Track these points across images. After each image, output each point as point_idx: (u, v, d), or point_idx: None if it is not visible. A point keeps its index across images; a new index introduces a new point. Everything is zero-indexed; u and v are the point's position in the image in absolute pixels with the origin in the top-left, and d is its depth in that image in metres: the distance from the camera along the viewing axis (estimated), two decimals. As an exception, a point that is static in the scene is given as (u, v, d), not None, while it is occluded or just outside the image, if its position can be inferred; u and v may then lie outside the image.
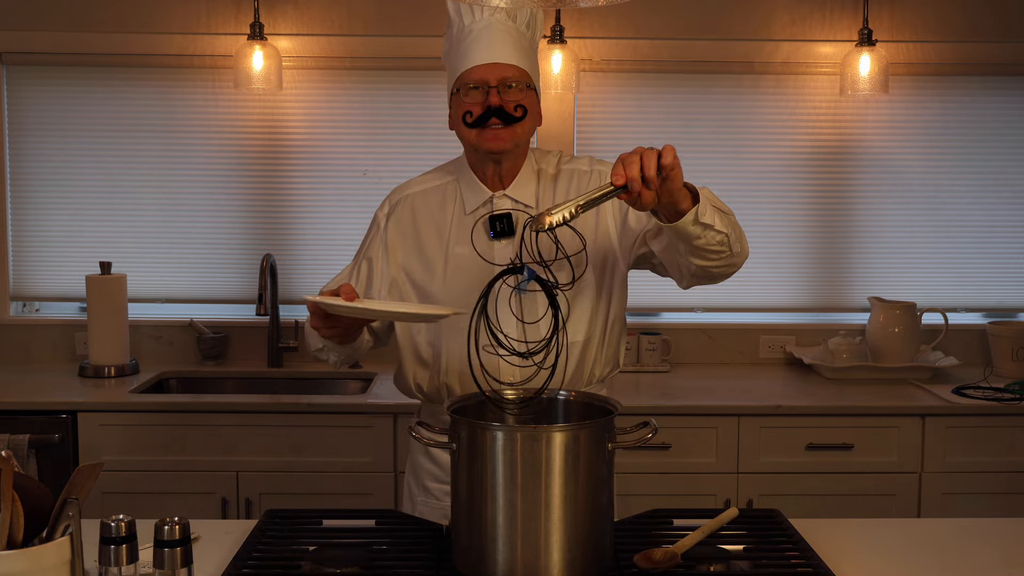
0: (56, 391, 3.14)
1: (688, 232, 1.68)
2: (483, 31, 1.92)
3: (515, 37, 1.93)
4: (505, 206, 1.97)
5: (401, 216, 2.03)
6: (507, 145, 1.92)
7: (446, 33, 2.00)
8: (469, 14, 1.94)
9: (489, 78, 1.90)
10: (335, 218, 3.55)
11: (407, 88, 3.51)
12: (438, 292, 1.96)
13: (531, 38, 1.98)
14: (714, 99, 3.56)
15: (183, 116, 3.52)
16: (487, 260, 1.89)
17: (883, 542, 1.79)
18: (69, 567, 1.38)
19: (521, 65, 1.92)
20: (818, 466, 2.99)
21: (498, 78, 1.90)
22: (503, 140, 1.91)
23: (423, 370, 2.01)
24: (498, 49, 1.91)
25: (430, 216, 2.01)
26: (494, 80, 1.90)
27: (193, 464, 2.97)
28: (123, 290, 3.36)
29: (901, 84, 3.54)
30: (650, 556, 1.57)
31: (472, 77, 1.91)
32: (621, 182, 1.55)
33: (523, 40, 1.95)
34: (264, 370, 3.47)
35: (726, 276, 1.85)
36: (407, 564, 1.59)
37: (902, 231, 3.63)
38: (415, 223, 2.01)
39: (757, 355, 3.61)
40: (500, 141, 1.91)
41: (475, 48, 1.92)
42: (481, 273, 1.88)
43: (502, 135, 1.91)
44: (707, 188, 1.74)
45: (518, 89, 1.91)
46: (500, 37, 1.92)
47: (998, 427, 3.02)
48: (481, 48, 1.91)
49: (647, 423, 1.61)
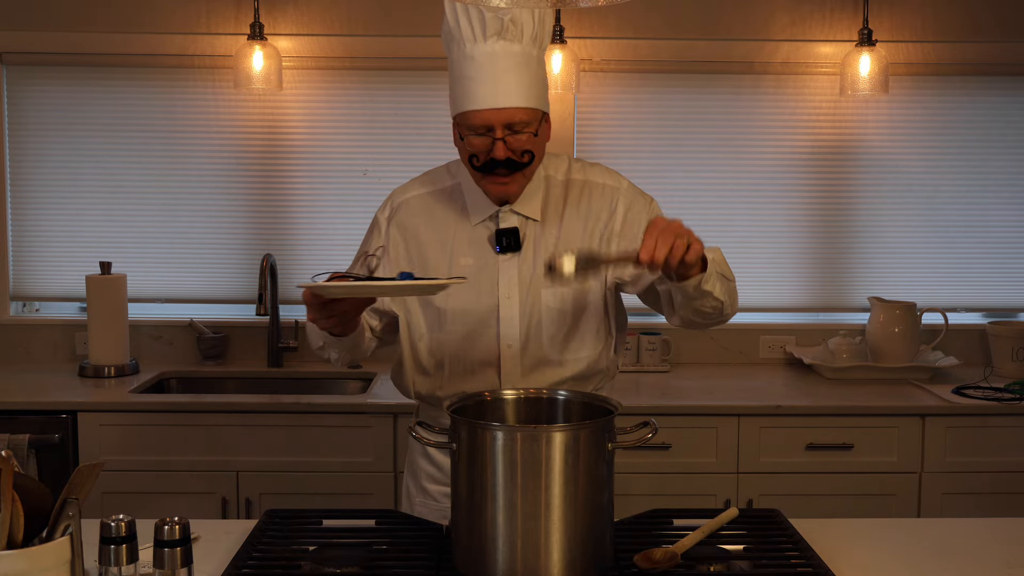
0: (56, 391, 3.14)
1: (688, 293, 1.71)
2: (486, 62, 1.77)
3: (521, 64, 1.78)
4: (512, 221, 1.90)
5: (403, 220, 1.98)
6: (514, 192, 1.86)
7: (444, 38, 1.86)
8: (469, 30, 1.79)
9: (494, 123, 1.78)
10: (335, 218, 3.55)
11: (407, 88, 3.51)
12: (441, 303, 1.92)
13: (538, 56, 1.83)
14: (714, 99, 3.56)
15: (183, 116, 3.52)
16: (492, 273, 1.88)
17: (883, 542, 1.79)
18: (69, 567, 1.38)
19: (529, 104, 1.79)
20: (818, 466, 2.99)
21: (504, 122, 1.77)
22: (510, 190, 1.85)
23: (423, 378, 1.99)
24: (503, 87, 1.76)
25: (433, 223, 1.95)
26: (500, 128, 1.78)
27: (193, 464, 2.97)
28: (123, 290, 3.36)
29: (901, 84, 3.54)
30: (650, 556, 1.57)
31: (475, 122, 1.79)
32: (647, 260, 1.57)
33: (531, 64, 1.80)
34: (264, 370, 3.47)
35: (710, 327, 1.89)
36: (407, 564, 1.59)
37: (902, 231, 3.63)
38: (417, 229, 1.96)
39: (757, 355, 3.61)
40: (507, 190, 1.85)
41: (478, 83, 1.77)
42: (489, 284, 1.88)
43: (510, 186, 1.84)
44: (718, 249, 1.73)
45: (527, 133, 1.79)
46: (505, 69, 1.77)
47: (998, 427, 3.02)
48: (485, 86, 1.77)
49: (647, 423, 1.61)
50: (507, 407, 1.71)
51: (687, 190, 3.56)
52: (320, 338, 1.90)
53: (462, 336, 1.92)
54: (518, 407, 1.70)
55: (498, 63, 1.76)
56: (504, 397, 1.72)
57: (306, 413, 2.99)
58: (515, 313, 1.89)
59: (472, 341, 1.92)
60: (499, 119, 1.77)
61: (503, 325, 1.90)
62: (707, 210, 3.56)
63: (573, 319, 1.92)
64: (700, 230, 1.63)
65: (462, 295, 1.90)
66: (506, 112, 1.77)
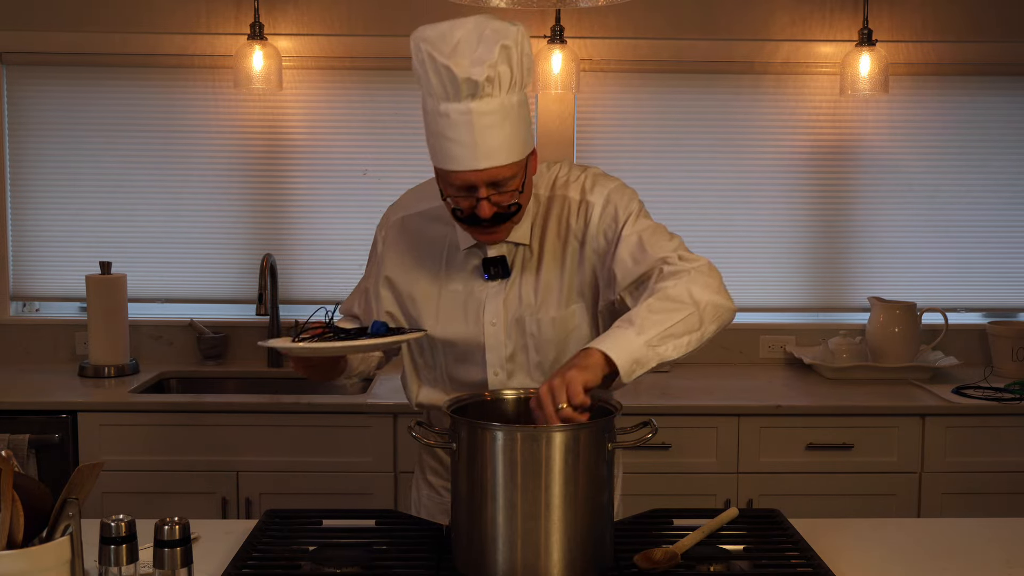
0: (56, 391, 3.14)
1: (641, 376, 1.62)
2: (462, 121, 1.65)
3: (500, 120, 1.66)
4: (500, 248, 1.84)
5: (397, 242, 1.93)
6: (502, 238, 1.80)
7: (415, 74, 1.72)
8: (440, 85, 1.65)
9: (477, 183, 1.68)
10: (335, 218, 3.55)
11: (407, 88, 3.51)
12: (431, 328, 1.88)
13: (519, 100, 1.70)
14: (714, 99, 3.56)
15: (183, 116, 3.52)
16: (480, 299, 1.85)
17: (883, 542, 1.79)
18: (69, 567, 1.39)
19: (512, 159, 1.68)
20: (818, 466, 2.99)
21: (487, 182, 1.68)
22: (498, 237, 1.79)
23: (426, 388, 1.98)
24: (482, 148, 1.65)
25: (424, 245, 1.91)
26: (483, 187, 1.68)
27: (193, 464, 2.97)
28: (123, 290, 3.36)
29: (901, 84, 3.54)
30: (650, 556, 1.57)
31: (456, 182, 1.70)
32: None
33: (510, 115, 1.68)
34: (264, 370, 3.47)
35: None
36: (407, 564, 1.59)
37: (902, 231, 3.63)
38: (409, 251, 1.92)
39: (757, 355, 3.61)
40: (495, 238, 1.79)
41: (455, 145, 1.66)
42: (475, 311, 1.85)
43: (498, 234, 1.77)
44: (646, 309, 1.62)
45: (511, 187, 1.70)
46: (483, 127, 1.65)
47: (998, 427, 3.02)
48: (463, 148, 1.66)
49: (647, 423, 1.61)
50: (507, 407, 1.71)
51: (687, 190, 3.56)
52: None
53: (453, 361, 1.91)
54: (518, 407, 1.70)
55: (475, 122, 1.65)
56: (504, 397, 1.72)
57: (306, 413, 2.99)
58: (500, 341, 1.85)
59: (462, 367, 1.91)
60: (481, 179, 1.68)
61: (489, 353, 1.86)
62: (707, 210, 3.56)
63: (558, 346, 1.86)
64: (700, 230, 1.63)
65: (449, 324, 1.87)
66: (488, 172, 1.67)
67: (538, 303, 1.84)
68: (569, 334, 1.85)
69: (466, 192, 1.70)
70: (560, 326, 1.84)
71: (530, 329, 1.84)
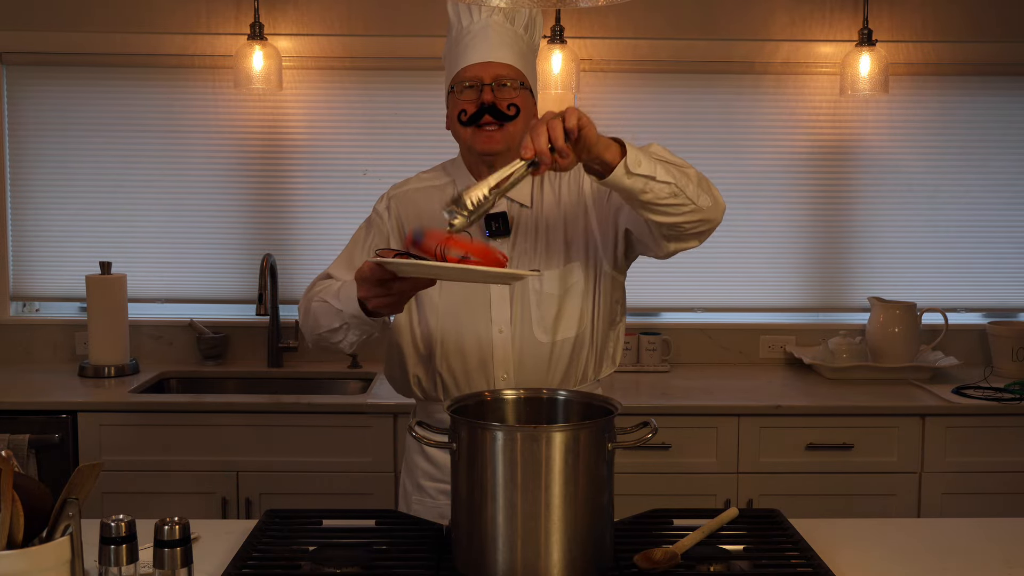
0: (56, 391, 3.14)
1: (627, 187, 1.65)
2: (480, 31, 1.93)
3: (512, 38, 1.94)
4: (501, 206, 1.96)
5: (401, 211, 2.04)
6: (499, 147, 1.92)
7: (447, 37, 2.02)
8: (468, 15, 1.95)
9: (483, 76, 1.91)
10: (335, 218, 3.54)
11: (407, 88, 3.51)
12: (434, 293, 1.96)
13: (529, 41, 1.99)
14: (714, 99, 3.56)
15: (183, 116, 3.52)
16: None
17: (883, 542, 1.79)
18: (69, 567, 1.38)
19: (516, 65, 1.93)
20: (818, 466, 2.99)
21: (492, 76, 1.91)
22: (496, 142, 1.91)
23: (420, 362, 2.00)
24: (494, 48, 1.92)
25: (428, 215, 2.00)
26: (488, 78, 1.91)
27: (193, 464, 2.97)
28: (123, 290, 3.36)
29: (901, 84, 3.54)
30: (650, 556, 1.57)
31: (467, 75, 1.92)
32: (530, 155, 1.55)
33: (520, 42, 1.96)
34: (264, 370, 3.47)
35: (701, 233, 1.80)
36: (407, 564, 1.59)
37: (902, 231, 3.63)
38: (417, 217, 2.01)
39: (757, 355, 3.61)
40: (493, 143, 1.91)
41: (471, 47, 1.93)
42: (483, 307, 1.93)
43: (495, 137, 1.91)
44: (655, 144, 1.75)
45: (512, 88, 1.92)
46: (497, 37, 1.93)
47: (998, 427, 3.02)
48: (477, 47, 1.93)
49: (647, 423, 1.61)
50: (507, 407, 1.71)
51: (687, 190, 3.55)
52: (339, 319, 1.84)
53: (456, 322, 1.96)
54: (518, 407, 1.70)
55: (491, 33, 1.93)
56: (504, 397, 1.72)
57: (306, 413, 2.99)
58: (504, 297, 1.94)
59: (465, 327, 1.95)
60: (488, 71, 1.91)
61: (494, 310, 1.94)
62: (707, 210, 3.55)
63: (559, 300, 1.95)
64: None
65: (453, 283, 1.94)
66: (494, 66, 1.91)
67: (539, 260, 1.95)
68: (568, 289, 1.95)
69: (473, 85, 1.91)
70: (560, 281, 1.95)
71: (533, 285, 1.94)
